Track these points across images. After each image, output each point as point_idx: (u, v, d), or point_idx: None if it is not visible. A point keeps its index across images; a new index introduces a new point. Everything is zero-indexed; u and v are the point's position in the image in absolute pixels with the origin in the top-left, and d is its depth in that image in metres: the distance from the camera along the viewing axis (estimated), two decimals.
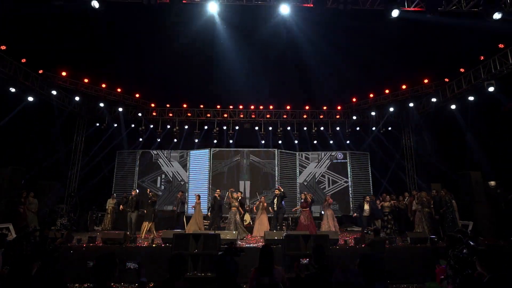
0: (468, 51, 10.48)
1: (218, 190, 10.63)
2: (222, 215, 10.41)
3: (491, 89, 10.04)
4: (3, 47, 10.25)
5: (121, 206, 10.78)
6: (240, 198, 10.48)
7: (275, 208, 9.89)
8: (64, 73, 12.71)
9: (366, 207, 10.32)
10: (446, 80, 12.40)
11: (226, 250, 2.99)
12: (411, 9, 7.65)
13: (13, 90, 10.45)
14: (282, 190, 10.22)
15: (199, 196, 10.81)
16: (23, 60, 10.97)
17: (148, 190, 10.98)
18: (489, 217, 9.67)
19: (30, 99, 11.31)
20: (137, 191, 10.68)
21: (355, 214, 11.00)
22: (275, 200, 9.96)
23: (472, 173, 10.08)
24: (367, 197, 10.66)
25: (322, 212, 12.65)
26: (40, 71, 11.94)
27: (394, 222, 10.25)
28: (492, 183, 10.61)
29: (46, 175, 12.18)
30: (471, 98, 11.15)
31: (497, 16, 6.50)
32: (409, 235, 8.10)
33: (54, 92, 12.18)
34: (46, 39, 10.16)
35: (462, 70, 11.48)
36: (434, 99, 12.67)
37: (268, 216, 10.33)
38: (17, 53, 10.61)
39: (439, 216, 9.34)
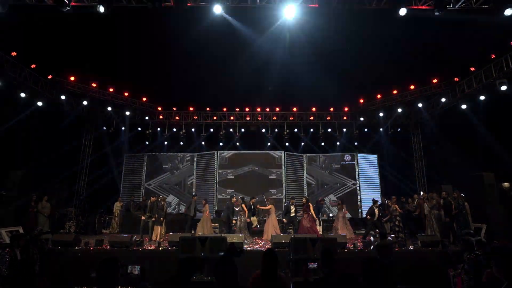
0: (479, 49, 10.25)
1: (234, 198, 10.52)
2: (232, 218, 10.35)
3: (503, 88, 9.77)
4: (14, 54, 10.46)
5: (142, 217, 10.19)
6: (252, 203, 10.55)
7: (293, 215, 10.15)
8: (72, 78, 12.91)
9: (377, 211, 10.05)
10: (456, 79, 12.15)
11: (227, 250, 2.93)
12: (419, 7, 7.51)
13: (23, 95, 10.63)
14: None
15: (206, 201, 10.78)
16: (33, 66, 11.17)
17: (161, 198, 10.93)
18: (504, 220, 9.38)
19: (40, 103, 11.51)
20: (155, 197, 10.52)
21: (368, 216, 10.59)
22: (292, 208, 10.18)
23: (485, 174, 9.80)
24: (377, 202, 10.38)
25: (331, 215, 12.54)
26: (49, 76, 12.14)
27: (403, 225, 10.02)
28: (506, 184, 10.30)
29: (55, 179, 12.33)
30: (482, 98, 10.89)
31: (508, 12, 6.32)
32: (420, 238, 7.90)
33: (62, 97, 12.35)
34: (55, 45, 10.34)
35: (472, 69, 11.23)
36: (443, 99, 12.41)
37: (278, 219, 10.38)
38: (27, 59, 10.82)
39: (449, 219, 9.09)
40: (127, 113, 14.62)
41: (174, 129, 15.47)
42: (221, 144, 15.22)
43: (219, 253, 5.99)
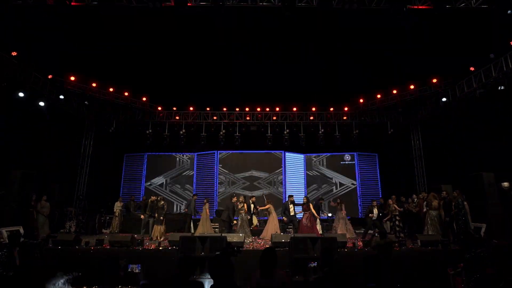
0: (479, 49, 10.26)
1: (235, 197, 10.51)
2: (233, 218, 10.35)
3: (501, 88, 9.81)
4: (14, 53, 10.46)
5: (142, 216, 10.68)
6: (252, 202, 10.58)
7: (292, 213, 10.15)
8: (72, 78, 12.90)
9: (375, 211, 10.12)
10: (456, 79, 12.16)
11: (224, 249, 2.94)
12: (419, 7, 7.52)
13: (22, 95, 10.63)
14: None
15: (206, 200, 10.78)
16: (33, 66, 11.17)
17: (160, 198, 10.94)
18: (503, 219, 9.39)
19: (41, 104, 11.52)
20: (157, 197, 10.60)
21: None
22: (290, 206, 10.18)
23: (484, 174, 9.81)
24: (374, 201, 10.43)
25: (330, 215, 12.54)
26: (50, 76, 12.14)
27: (403, 224, 10.07)
28: (506, 184, 10.29)
29: (55, 178, 12.33)
30: (481, 97, 10.90)
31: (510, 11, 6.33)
32: (420, 238, 7.92)
33: (62, 97, 12.35)
34: (55, 43, 10.34)
35: (472, 69, 11.23)
36: (443, 99, 12.42)
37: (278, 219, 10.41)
38: (27, 59, 10.82)
39: (449, 219, 9.11)
40: (127, 113, 14.63)
41: (174, 129, 15.45)
42: (221, 143, 15.20)
43: (216, 252, 6.01)
